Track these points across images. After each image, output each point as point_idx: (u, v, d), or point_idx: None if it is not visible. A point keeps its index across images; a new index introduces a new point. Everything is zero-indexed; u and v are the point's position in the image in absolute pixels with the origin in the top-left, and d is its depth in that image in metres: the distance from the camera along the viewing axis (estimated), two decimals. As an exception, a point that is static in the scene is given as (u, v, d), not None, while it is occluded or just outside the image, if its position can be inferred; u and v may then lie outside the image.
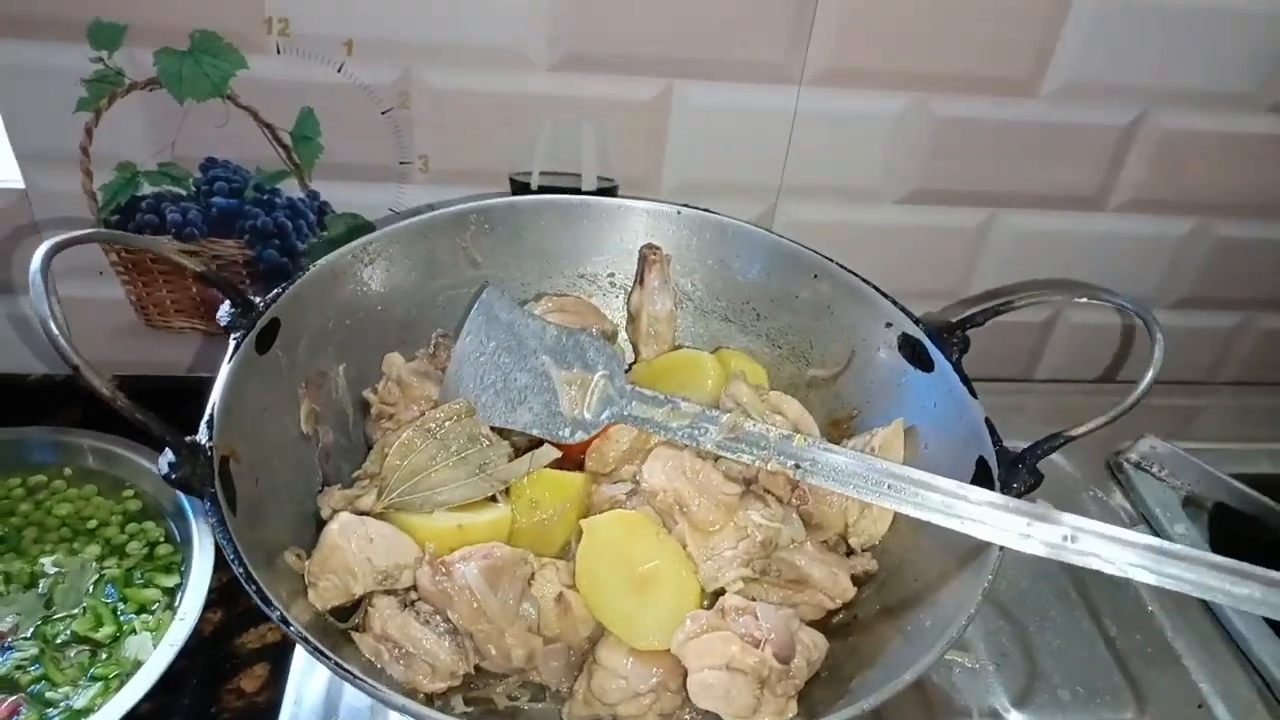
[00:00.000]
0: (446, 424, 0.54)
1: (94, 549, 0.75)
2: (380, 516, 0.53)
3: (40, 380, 0.88)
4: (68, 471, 0.80)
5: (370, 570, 0.49)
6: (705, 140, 0.81)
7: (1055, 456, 0.78)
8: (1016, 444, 0.52)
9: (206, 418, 0.47)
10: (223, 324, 0.51)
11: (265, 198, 0.81)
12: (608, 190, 0.83)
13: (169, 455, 0.44)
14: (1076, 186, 0.88)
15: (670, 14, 0.74)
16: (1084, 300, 0.56)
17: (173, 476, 0.43)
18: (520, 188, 0.82)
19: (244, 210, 0.81)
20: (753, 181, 0.84)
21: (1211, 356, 1.01)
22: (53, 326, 0.42)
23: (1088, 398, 0.91)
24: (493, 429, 0.57)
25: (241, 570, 0.42)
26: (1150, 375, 0.49)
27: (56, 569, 0.73)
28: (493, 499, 0.54)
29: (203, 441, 0.45)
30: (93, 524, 0.77)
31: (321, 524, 0.53)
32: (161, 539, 0.76)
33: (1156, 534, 0.73)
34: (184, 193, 0.79)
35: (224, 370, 0.50)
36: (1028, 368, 0.99)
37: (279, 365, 0.54)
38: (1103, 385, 0.98)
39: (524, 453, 0.57)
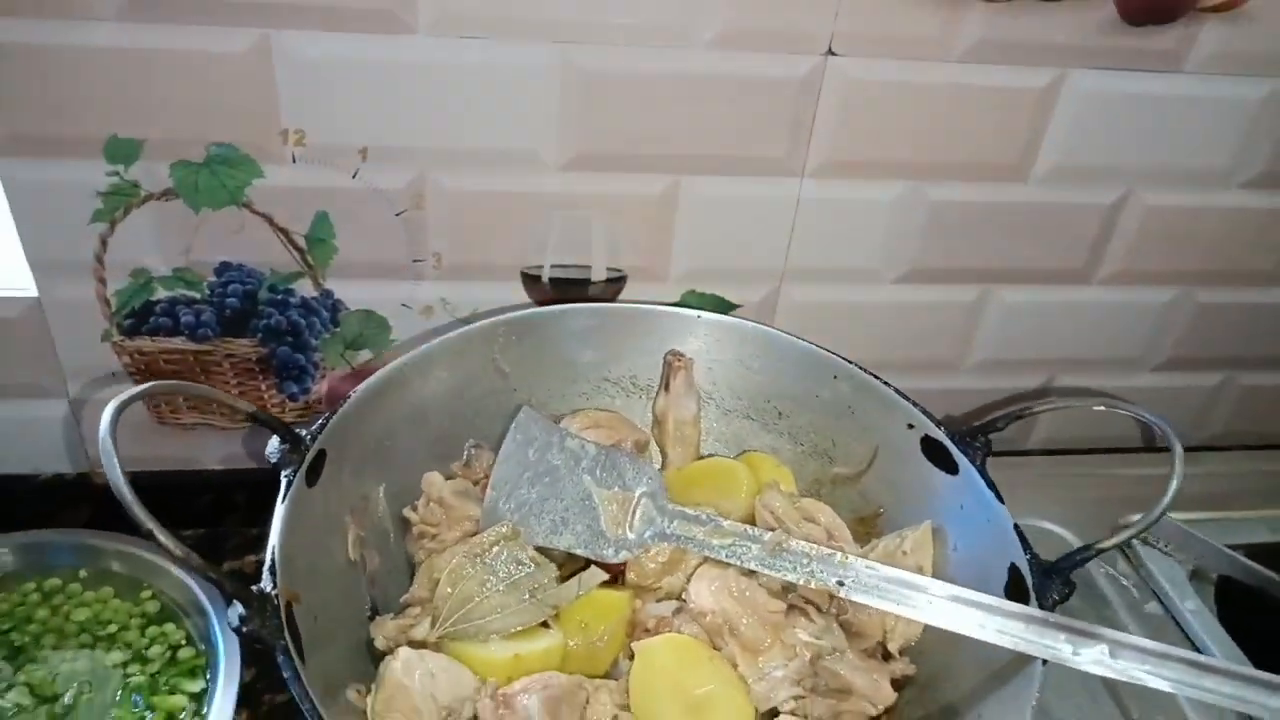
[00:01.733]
0: (493, 549, 0.55)
1: (116, 655, 0.74)
2: (435, 646, 0.53)
3: (50, 480, 0.87)
4: (83, 574, 0.80)
5: (434, 707, 0.50)
6: (711, 230, 0.83)
7: (1064, 532, 0.83)
8: (1047, 555, 0.54)
9: (268, 564, 0.47)
10: (272, 461, 0.52)
11: (279, 297, 0.81)
12: (617, 280, 0.85)
13: (239, 609, 0.45)
14: (1066, 261, 0.92)
15: (677, 116, 0.76)
16: (1101, 408, 0.58)
17: (243, 630, 0.44)
18: (531, 280, 0.83)
19: (258, 310, 0.82)
20: (757, 267, 0.87)
21: (1195, 416, 1.05)
22: (125, 491, 0.42)
23: (1081, 468, 0.94)
24: (536, 548, 0.58)
25: (320, 726, 0.43)
26: (1174, 486, 0.52)
27: (80, 678, 0.73)
28: (544, 624, 0.56)
29: (268, 590, 0.46)
30: (113, 628, 0.76)
31: (374, 652, 0.54)
32: (183, 641, 0.76)
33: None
34: (198, 296, 0.80)
35: (279, 511, 0.50)
36: (1018, 437, 1.02)
37: (327, 496, 0.55)
38: (1086, 457, 1.00)
39: (563, 569, 0.58)
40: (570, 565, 0.59)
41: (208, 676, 0.72)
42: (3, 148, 0.70)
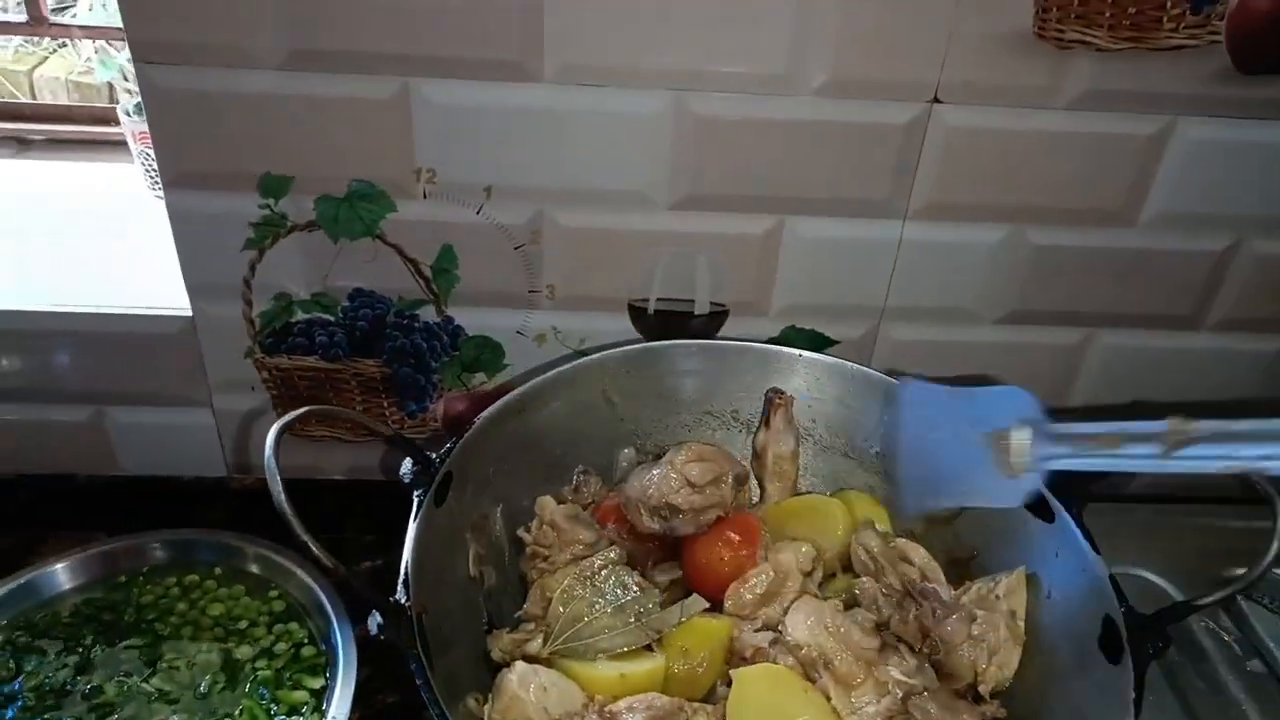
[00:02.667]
0: (602, 572, 0.59)
1: (246, 650, 0.80)
2: (547, 661, 0.58)
3: (192, 482, 0.95)
4: (218, 571, 0.86)
5: (545, 718, 0.54)
6: (813, 269, 0.86)
7: (1164, 583, 0.82)
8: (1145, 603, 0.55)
9: (403, 578, 0.52)
10: (405, 481, 0.57)
11: (404, 322, 0.87)
12: (719, 314, 0.88)
13: (377, 618, 0.49)
14: (1173, 307, 0.91)
15: (783, 160, 0.79)
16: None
17: (381, 637, 0.49)
18: (637, 312, 0.87)
19: (385, 333, 0.88)
20: (858, 304, 0.89)
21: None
22: (285, 505, 0.48)
23: (1184, 517, 0.93)
24: (641, 577, 0.61)
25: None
26: (1276, 545, 0.52)
27: (213, 669, 0.79)
28: (648, 646, 0.59)
29: (404, 602, 0.51)
30: (243, 624, 0.82)
31: (490, 662, 0.58)
32: (306, 640, 0.81)
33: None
34: (332, 319, 0.86)
35: (412, 529, 0.55)
36: (1119, 483, 1.01)
37: (452, 514, 0.59)
38: (1189, 505, 0.96)
39: (666, 593, 0.61)
40: (672, 591, 0.63)
41: (327, 675, 0.77)
42: (172, 181, 0.78)
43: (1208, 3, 0.74)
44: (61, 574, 0.83)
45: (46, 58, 1.21)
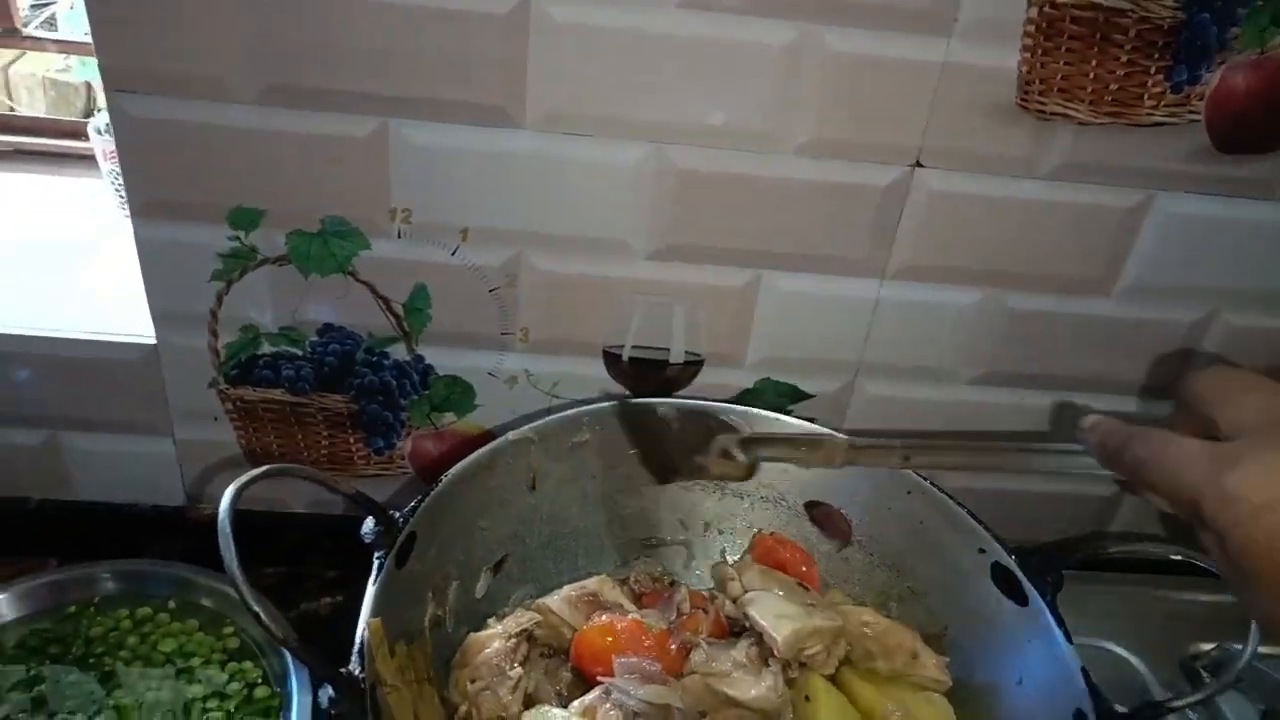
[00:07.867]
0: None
1: (197, 688, 0.78)
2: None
3: (149, 511, 0.93)
4: (172, 604, 0.84)
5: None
6: (789, 323, 0.85)
7: (1130, 657, 0.82)
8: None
9: (358, 648, 0.51)
10: (367, 541, 0.56)
11: (374, 359, 0.86)
12: (694, 364, 0.87)
13: (329, 690, 0.48)
14: (1146, 376, 0.91)
15: (763, 215, 0.79)
16: (1178, 557, 0.58)
17: (332, 712, 0.47)
18: (612, 358, 0.86)
19: (353, 369, 0.86)
20: (833, 359, 0.88)
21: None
22: (236, 572, 0.46)
23: (1152, 589, 0.92)
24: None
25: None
26: (1250, 648, 0.52)
27: (163, 708, 0.76)
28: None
29: (356, 673, 0.49)
30: (196, 661, 0.80)
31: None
32: (259, 680, 0.79)
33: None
34: (299, 353, 0.85)
35: (370, 593, 0.54)
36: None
37: (413, 576, 0.58)
38: (1157, 576, 0.94)
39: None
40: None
41: (280, 718, 0.75)
42: (140, 209, 0.76)
43: (1188, 83, 0.74)
44: (6, 603, 0.81)
45: (23, 52, 1.16)
